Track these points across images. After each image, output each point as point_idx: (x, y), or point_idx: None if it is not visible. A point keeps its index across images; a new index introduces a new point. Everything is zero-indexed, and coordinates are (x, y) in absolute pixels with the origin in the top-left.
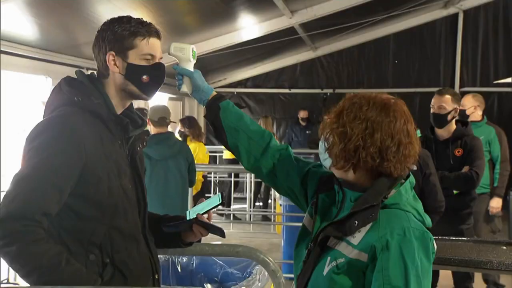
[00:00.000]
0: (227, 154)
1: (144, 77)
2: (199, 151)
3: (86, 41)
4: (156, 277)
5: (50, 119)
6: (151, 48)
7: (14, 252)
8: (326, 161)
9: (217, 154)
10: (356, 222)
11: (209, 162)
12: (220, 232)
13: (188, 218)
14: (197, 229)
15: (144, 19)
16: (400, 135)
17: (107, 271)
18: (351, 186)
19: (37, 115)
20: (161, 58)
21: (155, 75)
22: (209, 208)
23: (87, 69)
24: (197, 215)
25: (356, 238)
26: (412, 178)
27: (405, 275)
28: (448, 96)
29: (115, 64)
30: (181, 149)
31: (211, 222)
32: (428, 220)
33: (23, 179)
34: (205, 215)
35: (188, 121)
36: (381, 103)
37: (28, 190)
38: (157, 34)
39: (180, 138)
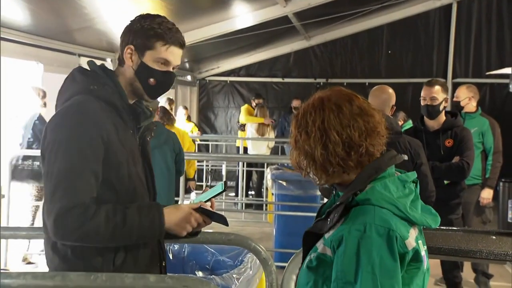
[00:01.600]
0: (238, 142)
1: (152, 80)
2: (185, 139)
3: (78, 27)
4: (164, 264)
5: (68, 108)
6: (168, 55)
7: (85, 234)
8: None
9: (209, 143)
10: (329, 220)
11: (200, 151)
12: (223, 220)
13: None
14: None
15: (175, 25)
16: (352, 118)
17: (119, 256)
18: (345, 186)
19: (27, 101)
20: (177, 66)
21: (162, 81)
22: (212, 195)
23: (79, 55)
24: (199, 203)
25: (328, 234)
26: (406, 177)
27: (358, 271)
28: (438, 87)
29: (130, 57)
30: (167, 139)
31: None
32: (417, 217)
33: (63, 172)
34: (208, 203)
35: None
36: (317, 102)
37: (72, 182)
38: (180, 44)
39: None
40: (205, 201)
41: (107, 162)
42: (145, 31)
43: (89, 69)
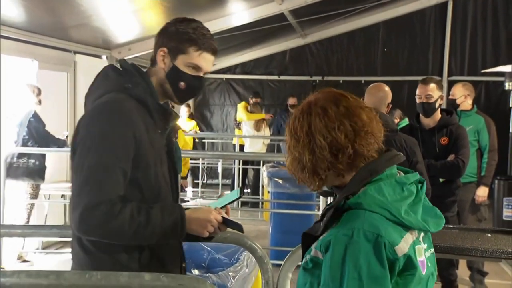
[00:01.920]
0: (234, 140)
1: (182, 83)
2: (180, 138)
3: (74, 24)
4: (184, 265)
5: (103, 105)
6: (200, 60)
7: (109, 231)
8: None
9: (205, 141)
10: (321, 223)
11: (196, 148)
12: (238, 227)
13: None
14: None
15: (210, 31)
16: (337, 120)
17: (145, 256)
18: (342, 189)
19: (22, 98)
20: (208, 72)
21: (192, 85)
22: (227, 202)
23: (74, 52)
24: (215, 209)
25: (321, 237)
26: (405, 179)
27: (344, 277)
28: (433, 85)
29: (163, 60)
30: None
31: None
32: (413, 221)
33: (93, 167)
34: (223, 210)
35: None
36: (306, 107)
37: (100, 179)
38: (212, 51)
39: None
40: (221, 208)
41: (136, 161)
42: (179, 35)
43: (120, 67)
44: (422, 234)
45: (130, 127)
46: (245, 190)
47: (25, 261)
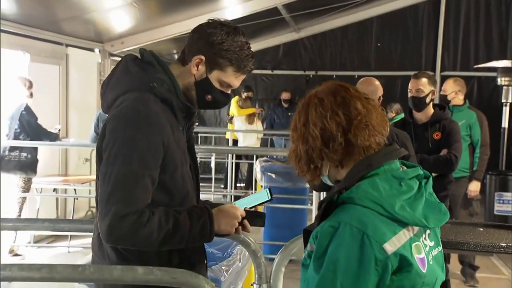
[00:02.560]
0: (227, 134)
1: (209, 96)
2: None
3: (66, 17)
4: (206, 262)
5: (130, 109)
6: (234, 81)
7: (138, 240)
8: (326, 179)
9: (199, 135)
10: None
11: None
12: (260, 222)
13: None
14: (243, 222)
15: (251, 48)
16: (331, 109)
17: (174, 257)
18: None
19: (13, 91)
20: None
21: (218, 100)
22: (258, 203)
23: (66, 45)
24: (244, 208)
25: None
26: (404, 174)
27: (322, 267)
28: (424, 79)
29: (197, 66)
30: None
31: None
32: (408, 216)
33: (121, 175)
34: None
35: None
36: (306, 99)
37: (130, 187)
38: (249, 72)
39: None
40: (250, 208)
41: (164, 165)
42: (222, 51)
43: (141, 59)
44: (428, 231)
45: (159, 132)
46: (238, 185)
47: (16, 255)
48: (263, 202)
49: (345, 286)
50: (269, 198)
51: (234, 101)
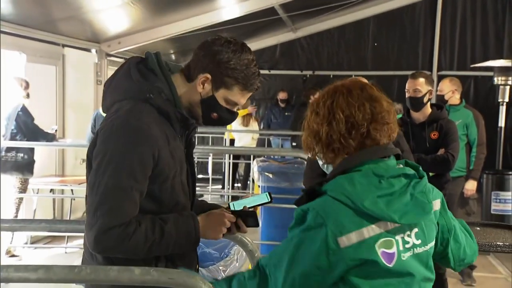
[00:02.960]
0: (225, 135)
1: (215, 114)
2: None
3: (62, 17)
4: (197, 267)
5: (123, 119)
6: (241, 99)
7: (124, 250)
8: (330, 168)
9: (196, 135)
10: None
11: None
12: (255, 222)
13: (232, 209)
14: (237, 223)
15: (257, 66)
16: (359, 101)
17: (161, 264)
18: None
19: (10, 92)
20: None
21: (223, 118)
22: (257, 204)
23: (63, 45)
24: (244, 207)
25: None
26: (384, 172)
27: (283, 248)
28: (422, 79)
29: (203, 84)
30: None
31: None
32: (377, 211)
33: (110, 188)
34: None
35: None
36: (332, 88)
37: (117, 200)
38: (256, 90)
39: None
40: (249, 207)
41: (153, 177)
42: (229, 70)
43: (144, 64)
44: (415, 229)
45: (149, 145)
46: (236, 185)
47: (13, 255)
48: (262, 204)
49: (292, 260)
50: (269, 200)
51: None
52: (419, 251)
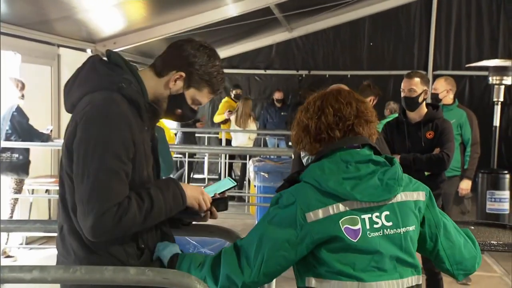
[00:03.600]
0: (220, 135)
1: (179, 111)
2: (166, 132)
3: (57, 17)
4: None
5: (100, 107)
6: (206, 100)
7: (123, 227)
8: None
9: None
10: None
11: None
12: (223, 205)
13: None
14: (211, 209)
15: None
16: (346, 99)
17: (146, 256)
18: None
19: (5, 92)
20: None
21: (186, 116)
22: (226, 189)
23: (58, 45)
24: (214, 194)
25: None
26: (350, 157)
27: (256, 226)
28: (417, 79)
29: (175, 82)
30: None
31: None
32: (340, 190)
33: (99, 173)
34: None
35: None
36: (322, 92)
37: (107, 184)
38: (219, 94)
39: None
40: (219, 193)
41: (133, 163)
42: (203, 74)
43: (108, 60)
44: (386, 212)
45: (129, 129)
46: None
47: (8, 256)
48: (229, 188)
49: (263, 235)
50: (234, 184)
51: (221, 105)
52: (390, 233)
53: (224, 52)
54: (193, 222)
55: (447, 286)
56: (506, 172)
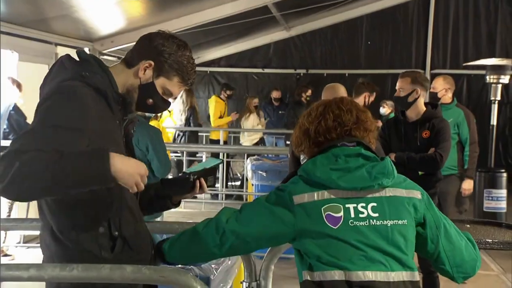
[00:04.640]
0: (212, 135)
1: (151, 101)
2: (163, 132)
3: (55, 15)
4: (153, 252)
5: (61, 85)
6: (177, 90)
7: (23, 174)
8: None
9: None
10: None
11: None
12: (213, 180)
13: (190, 177)
14: (200, 182)
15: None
16: (347, 106)
17: (119, 245)
18: None
19: (2, 91)
20: (175, 98)
21: (157, 106)
22: (213, 164)
23: (56, 44)
24: (204, 169)
25: None
26: (340, 151)
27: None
28: (407, 78)
29: (144, 71)
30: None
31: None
32: (325, 178)
33: (30, 130)
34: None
35: None
36: (324, 100)
37: (42, 134)
38: (190, 85)
39: None
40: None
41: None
42: (173, 63)
43: (78, 58)
44: (372, 204)
45: (84, 117)
46: (229, 183)
47: (6, 255)
48: (217, 164)
49: (258, 207)
50: (220, 161)
51: (212, 104)
52: (377, 223)
53: (222, 50)
54: (189, 220)
55: (444, 285)
56: (503, 170)
